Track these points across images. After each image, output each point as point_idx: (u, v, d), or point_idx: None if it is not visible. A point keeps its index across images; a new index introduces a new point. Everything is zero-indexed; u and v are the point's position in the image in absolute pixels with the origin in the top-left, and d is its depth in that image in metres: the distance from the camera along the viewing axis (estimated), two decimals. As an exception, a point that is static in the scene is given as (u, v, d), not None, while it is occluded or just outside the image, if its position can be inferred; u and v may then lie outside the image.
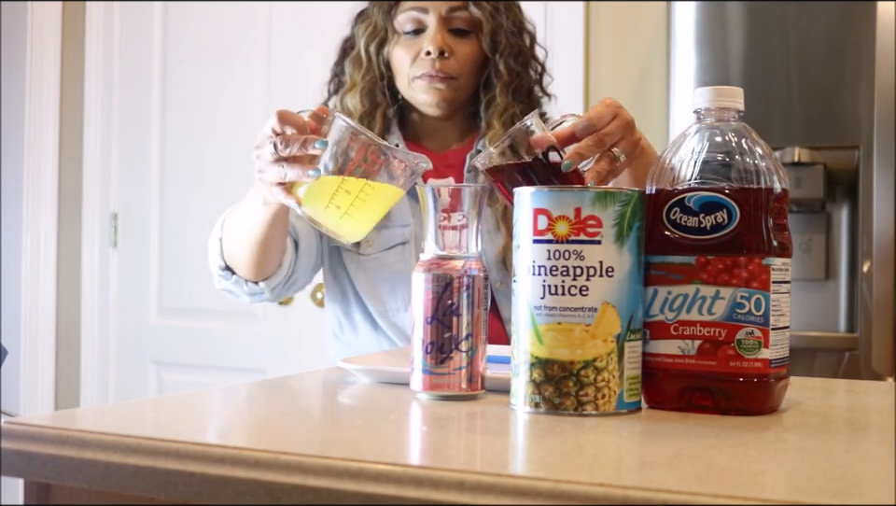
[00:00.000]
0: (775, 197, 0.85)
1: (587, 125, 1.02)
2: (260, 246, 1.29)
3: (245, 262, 1.34)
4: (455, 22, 1.43)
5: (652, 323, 0.86)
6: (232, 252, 1.35)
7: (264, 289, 1.39)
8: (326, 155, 1.03)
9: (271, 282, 1.38)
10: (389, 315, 1.45)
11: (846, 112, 1.87)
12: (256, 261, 1.33)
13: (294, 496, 0.64)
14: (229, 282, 1.39)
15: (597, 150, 1.02)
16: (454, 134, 1.51)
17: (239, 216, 1.31)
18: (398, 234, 1.44)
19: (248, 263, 1.34)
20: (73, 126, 2.95)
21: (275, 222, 1.24)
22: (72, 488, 0.74)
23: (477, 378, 0.92)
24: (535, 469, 0.67)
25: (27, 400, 2.88)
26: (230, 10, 2.75)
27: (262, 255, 1.31)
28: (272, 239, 1.29)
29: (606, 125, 1.02)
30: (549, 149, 1.01)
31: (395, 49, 1.45)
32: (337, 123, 1.03)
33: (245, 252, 1.32)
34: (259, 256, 1.31)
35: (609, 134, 1.02)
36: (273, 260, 1.35)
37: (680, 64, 2.00)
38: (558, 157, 1.01)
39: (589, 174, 1.01)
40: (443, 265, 0.92)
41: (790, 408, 0.88)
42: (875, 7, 1.82)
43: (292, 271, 1.40)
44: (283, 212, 1.23)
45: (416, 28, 1.44)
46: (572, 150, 1.01)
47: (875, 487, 0.60)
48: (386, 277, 1.45)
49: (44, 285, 2.93)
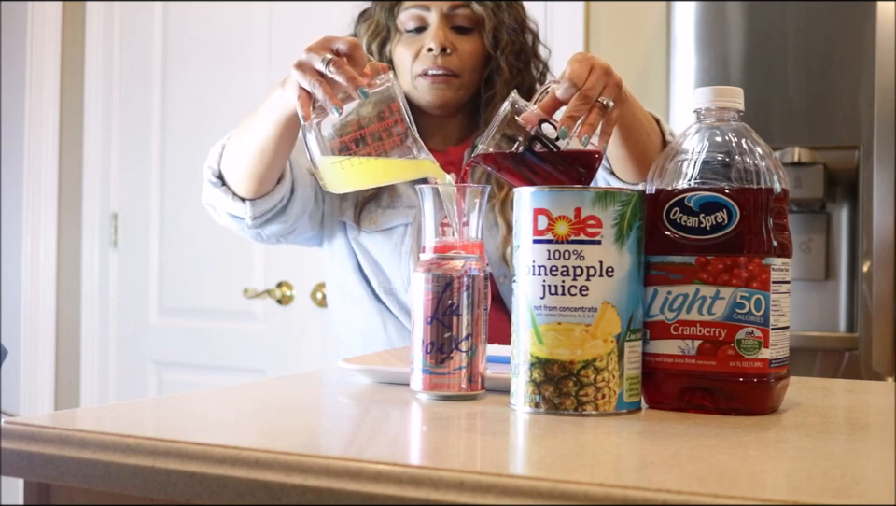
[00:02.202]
0: (775, 197, 0.85)
1: (568, 86, 1.00)
2: (259, 151, 1.24)
3: (241, 168, 1.28)
4: (456, 20, 1.44)
5: (652, 323, 0.86)
6: (231, 157, 1.30)
7: (246, 211, 1.33)
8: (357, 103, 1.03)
9: (256, 205, 1.32)
10: (394, 292, 1.45)
11: (846, 112, 1.87)
12: (251, 170, 1.27)
13: (294, 496, 0.64)
14: (216, 190, 1.33)
15: (585, 107, 1.00)
16: (456, 132, 1.52)
17: (247, 121, 1.26)
18: (401, 215, 1.45)
19: (244, 171, 1.28)
20: (73, 126, 2.95)
21: (285, 129, 1.19)
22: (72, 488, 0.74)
23: (477, 378, 0.92)
24: (535, 469, 0.67)
25: (27, 400, 2.88)
26: (230, 10, 2.75)
27: (259, 164, 1.26)
28: (272, 148, 1.23)
29: (585, 80, 1.01)
30: (540, 124, 1.00)
31: (397, 47, 1.46)
32: (388, 87, 1.03)
33: (246, 158, 1.26)
34: (255, 163, 1.26)
35: (591, 88, 1.00)
36: (268, 176, 1.29)
37: (680, 64, 2.00)
38: (552, 128, 1.01)
39: (583, 129, 1.00)
40: (443, 265, 0.92)
41: (790, 408, 0.88)
42: (875, 7, 1.82)
43: (283, 205, 1.36)
44: (292, 123, 1.18)
45: (418, 26, 1.44)
46: (563, 116, 1.00)
47: (875, 487, 0.60)
48: (388, 256, 1.45)
49: (44, 285, 2.93)
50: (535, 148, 0.99)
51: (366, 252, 1.47)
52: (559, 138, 0.99)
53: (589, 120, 1.00)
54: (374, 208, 1.46)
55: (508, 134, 1.00)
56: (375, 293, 1.47)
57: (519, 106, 1.00)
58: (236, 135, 1.29)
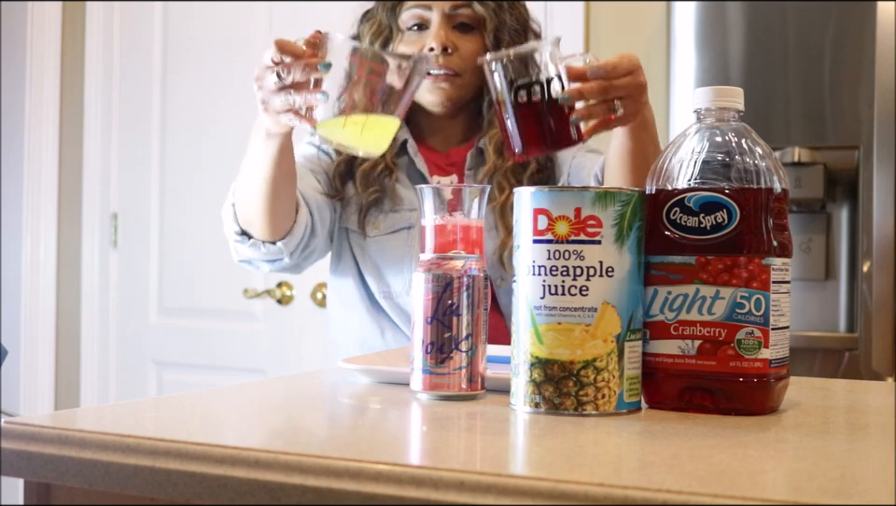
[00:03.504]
0: (775, 197, 0.85)
1: (599, 69, 1.02)
2: (270, 189, 1.25)
3: (259, 215, 1.30)
4: (458, 19, 1.44)
5: (652, 323, 0.86)
6: (245, 209, 1.32)
7: (282, 250, 1.35)
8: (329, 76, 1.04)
9: (288, 242, 1.35)
10: (393, 297, 1.45)
11: (846, 112, 1.87)
12: (269, 211, 1.29)
13: (294, 496, 0.64)
14: (246, 246, 1.35)
15: (600, 97, 1.02)
16: (457, 133, 1.52)
17: (244, 168, 1.28)
18: (404, 218, 1.45)
19: (262, 216, 1.30)
20: (73, 126, 2.95)
21: (281, 157, 1.22)
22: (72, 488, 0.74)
23: (477, 378, 0.92)
24: (535, 469, 0.67)
25: (27, 400, 2.88)
26: (230, 10, 2.75)
27: (274, 201, 1.27)
28: (280, 179, 1.25)
29: (618, 77, 1.02)
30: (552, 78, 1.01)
31: (399, 47, 1.46)
32: (334, 43, 1.05)
33: (257, 201, 1.28)
34: (271, 202, 1.27)
35: (616, 87, 1.02)
36: (285, 208, 1.31)
37: (680, 64, 2.00)
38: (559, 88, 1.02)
39: (581, 111, 1.01)
40: (443, 265, 0.92)
41: (790, 408, 0.88)
42: (875, 7, 1.82)
43: (310, 232, 1.39)
44: (287, 147, 1.21)
45: (420, 24, 1.44)
46: (576, 87, 1.01)
47: (875, 487, 0.60)
48: (390, 260, 1.45)
49: (44, 285, 2.93)
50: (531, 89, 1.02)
51: (368, 257, 1.47)
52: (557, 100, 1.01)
53: (591, 110, 1.01)
54: (377, 213, 1.46)
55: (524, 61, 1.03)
56: (374, 300, 1.47)
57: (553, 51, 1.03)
58: (241, 189, 1.31)
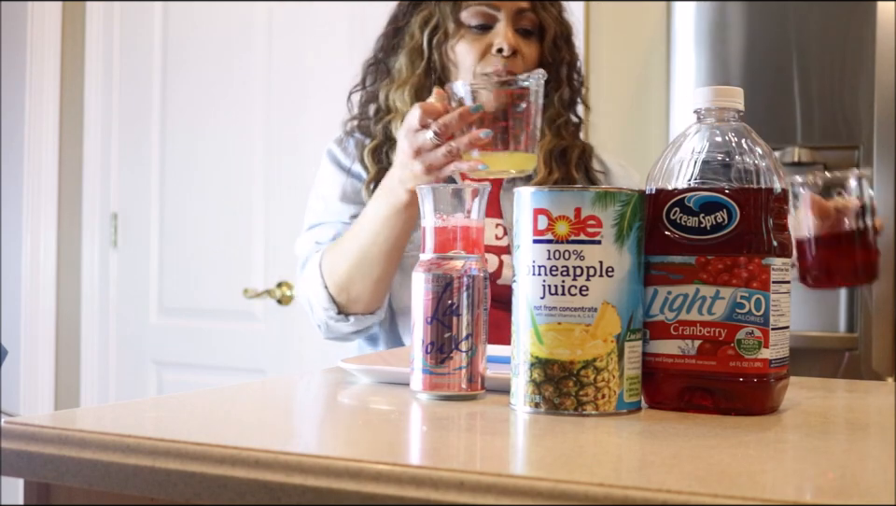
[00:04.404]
0: (775, 197, 0.85)
1: None
2: (395, 256, 1.30)
3: (374, 285, 1.32)
4: (523, 23, 1.42)
5: (652, 323, 0.86)
6: (356, 287, 1.33)
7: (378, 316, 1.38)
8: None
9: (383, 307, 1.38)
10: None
11: (846, 112, 1.87)
12: (386, 280, 1.32)
13: (294, 496, 0.64)
14: (346, 324, 1.36)
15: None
16: None
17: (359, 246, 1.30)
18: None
19: (377, 284, 1.32)
20: (73, 126, 2.95)
21: (409, 223, 1.26)
22: (72, 488, 0.74)
23: (477, 378, 0.92)
24: (535, 469, 0.67)
25: (27, 400, 2.88)
26: (230, 11, 2.75)
27: (388, 267, 1.31)
28: (398, 247, 1.29)
29: None
30: None
31: (459, 43, 1.42)
32: (459, 90, 1.19)
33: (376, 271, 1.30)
34: (384, 269, 1.31)
35: None
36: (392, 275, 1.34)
37: (680, 64, 2.00)
38: None
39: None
40: (443, 265, 0.92)
41: (790, 408, 0.88)
42: (875, 7, 1.82)
43: None
44: (411, 213, 1.24)
45: (484, 23, 1.41)
46: None
47: (875, 487, 0.60)
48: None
49: (44, 285, 2.93)
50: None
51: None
52: None
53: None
54: None
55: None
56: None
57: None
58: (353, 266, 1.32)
